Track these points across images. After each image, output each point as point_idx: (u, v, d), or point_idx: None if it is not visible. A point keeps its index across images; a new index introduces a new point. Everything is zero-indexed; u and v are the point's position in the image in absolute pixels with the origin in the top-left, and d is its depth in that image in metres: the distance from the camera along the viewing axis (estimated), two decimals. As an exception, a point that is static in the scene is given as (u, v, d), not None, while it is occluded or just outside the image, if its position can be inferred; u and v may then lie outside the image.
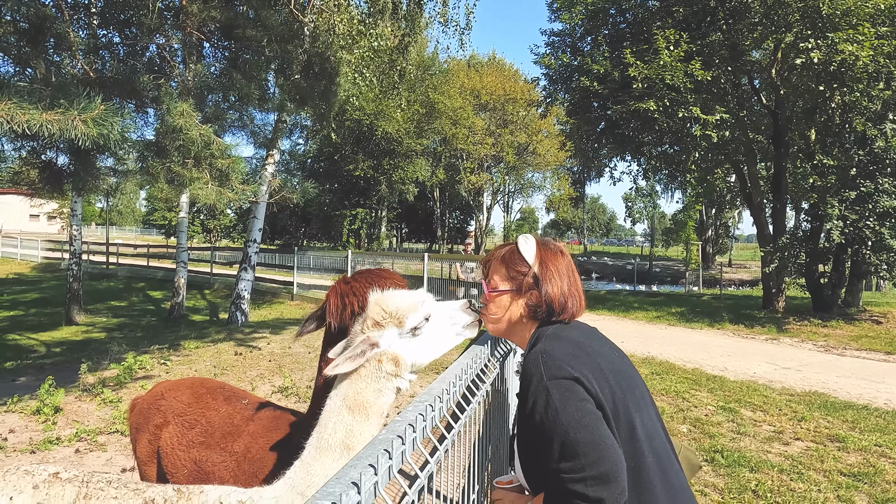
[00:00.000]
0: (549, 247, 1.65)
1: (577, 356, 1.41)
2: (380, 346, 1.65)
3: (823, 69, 12.53)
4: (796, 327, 13.11)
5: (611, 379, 1.40)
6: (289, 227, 41.66)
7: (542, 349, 1.44)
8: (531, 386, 1.38)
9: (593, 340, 1.53)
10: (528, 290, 1.57)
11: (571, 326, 1.57)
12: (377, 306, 1.70)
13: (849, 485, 4.48)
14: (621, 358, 1.54)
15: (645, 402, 1.47)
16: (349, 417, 1.58)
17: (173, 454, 2.45)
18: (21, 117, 3.66)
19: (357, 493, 0.81)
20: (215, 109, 7.76)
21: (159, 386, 2.78)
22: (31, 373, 7.80)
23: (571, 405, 1.30)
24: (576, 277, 1.62)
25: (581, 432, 1.26)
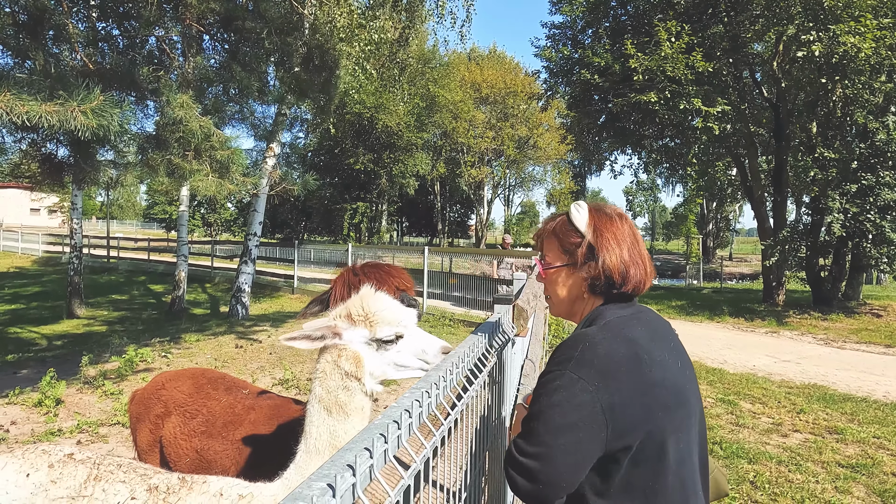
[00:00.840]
0: (605, 212, 1.48)
1: (621, 361, 1.25)
2: (342, 338, 1.63)
3: (825, 61, 12.49)
4: (796, 320, 13.12)
5: (656, 393, 1.25)
6: (289, 221, 41.65)
7: (593, 336, 1.30)
8: (560, 361, 1.29)
9: (656, 343, 1.34)
10: (584, 262, 1.42)
11: (639, 321, 1.38)
12: (359, 301, 1.68)
13: (847, 476, 4.51)
14: (682, 369, 1.36)
15: (688, 423, 1.32)
16: (329, 419, 1.59)
17: (175, 443, 2.47)
18: (20, 108, 3.66)
19: (352, 476, 0.82)
20: (215, 102, 7.75)
21: (160, 377, 2.80)
22: (32, 365, 7.83)
23: (561, 406, 1.23)
24: (639, 244, 1.45)
25: (545, 429, 1.22)
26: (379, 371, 1.64)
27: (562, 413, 1.22)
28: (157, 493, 1.63)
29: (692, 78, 13.85)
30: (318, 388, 1.62)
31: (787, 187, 15.95)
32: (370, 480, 0.90)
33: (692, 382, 1.38)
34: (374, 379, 1.64)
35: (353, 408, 1.60)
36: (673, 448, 1.26)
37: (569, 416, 1.21)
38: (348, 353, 1.61)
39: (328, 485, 0.76)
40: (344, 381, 1.60)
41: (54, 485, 1.69)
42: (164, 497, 1.62)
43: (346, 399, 1.59)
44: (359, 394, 1.61)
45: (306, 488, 0.74)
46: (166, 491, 1.63)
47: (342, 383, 1.60)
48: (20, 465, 1.75)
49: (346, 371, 1.60)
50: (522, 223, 64.97)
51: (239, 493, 1.63)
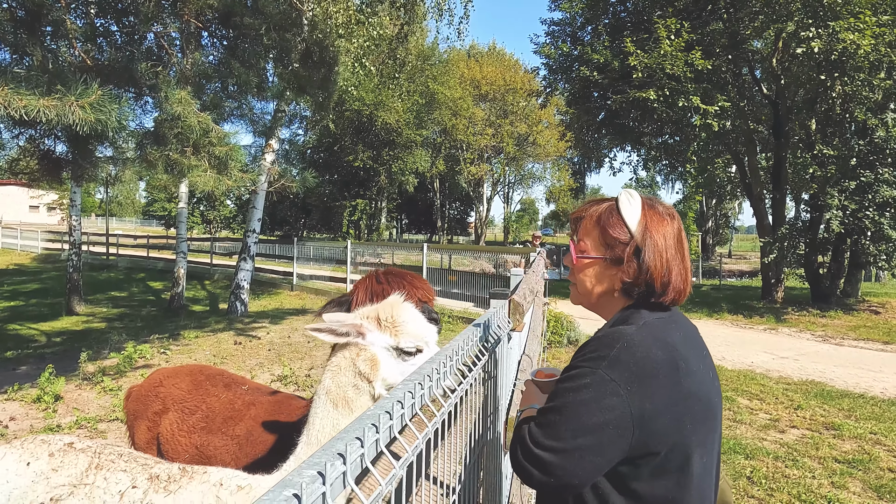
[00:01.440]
0: (657, 209, 1.34)
1: (658, 366, 1.18)
2: (365, 339, 1.66)
3: (824, 58, 12.48)
4: (795, 317, 13.14)
5: (688, 404, 1.19)
6: (288, 218, 41.63)
7: (631, 336, 1.22)
8: (595, 358, 1.21)
9: (693, 351, 1.27)
10: (626, 261, 1.30)
11: (676, 325, 1.30)
12: (389, 307, 1.72)
13: (843, 471, 4.52)
14: (712, 380, 1.29)
15: (712, 437, 1.27)
16: (334, 412, 1.61)
17: (174, 440, 2.47)
18: (18, 103, 3.66)
19: (343, 464, 0.82)
20: (214, 98, 7.75)
21: (157, 373, 2.79)
22: (31, 362, 7.84)
23: (588, 405, 1.16)
24: (683, 248, 1.33)
25: (567, 425, 1.17)
26: (391, 378, 1.67)
27: (588, 413, 1.16)
28: (158, 481, 1.65)
29: (691, 75, 13.84)
30: (329, 380, 1.65)
31: (786, 184, 15.95)
32: (361, 469, 0.91)
33: (719, 395, 1.31)
34: (384, 385, 1.67)
35: (358, 406, 1.62)
36: (697, 462, 1.21)
37: (595, 417, 1.15)
38: (367, 354, 1.64)
39: (318, 472, 0.77)
40: (356, 379, 1.63)
41: (55, 473, 1.71)
42: (165, 486, 1.64)
43: (354, 396, 1.62)
44: (366, 395, 1.64)
45: (297, 475, 0.75)
46: (167, 480, 1.65)
47: (354, 381, 1.63)
48: (20, 454, 1.77)
49: (361, 371, 1.63)
50: (522, 220, 65.00)
51: (238, 483, 1.65)
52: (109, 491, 1.65)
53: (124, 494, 1.64)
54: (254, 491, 1.61)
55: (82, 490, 1.66)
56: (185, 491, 1.62)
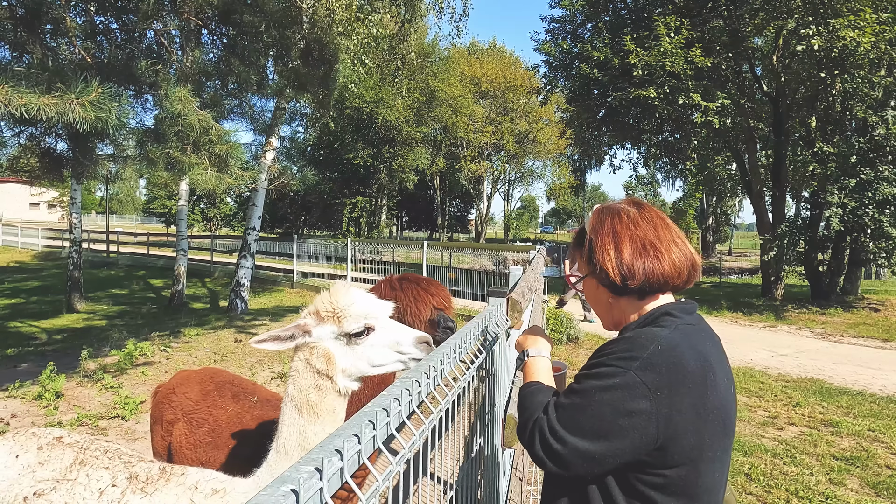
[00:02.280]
0: (609, 208, 1.38)
1: (689, 379, 1.15)
2: (312, 335, 1.61)
3: (825, 56, 12.47)
4: (794, 315, 13.15)
5: (708, 419, 1.16)
6: (289, 216, 41.62)
7: (666, 339, 1.19)
8: (626, 357, 1.18)
9: (719, 366, 1.25)
10: (590, 263, 1.34)
11: (707, 336, 1.29)
12: (327, 296, 1.66)
13: (841, 468, 4.54)
14: (733, 396, 1.29)
15: (727, 454, 1.25)
16: (300, 419, 1.58)
17: (181, 453, 2.43)
18: (19, 101, 3.67)
19: (340, 460, 0.84)
20: (214, 95, 7.76)
21: (176, 377, 2.77)
22: (32, 359, 7.86)
23: (615, 406, 1.14)
24: (655, 232, 1.31)
25: (589, 423, 1.15)
26: (353, 368, 1.62)
27: (613, 413, 1.14)
28: (136, 481, 1.66)
29: (691, 73, 13.83)
30: (291, 387, 1.62)
31: (786, 182, 15.96)
32: (358, 465, 0.92)
33: (735, 409, 1.30)
34: (348, 377, 1.62)
35: (324, 409, 1.58)
36: (709, 477, 1.19)
37: (620, 419, 1.13)
38: (319, 350, 1.60)
39: (316, 468, 0.78)
40: (316, 379, 1.58)
41: (41, 466, 1.73)
42: (143, 486, 1.64)
43: (317, 399, 1.57)
44: (331, 394, 1.59)
45: (294, 471, 0.76)
46: (145, 480, 1.66)
47: (314, 382, 1.58)
48: (11, 446, 1.79)
49: (318, 369, 1.58)
50: (522, 218, 64.98)
51: (213, 487, 1.65)
52: (90, 488, 1.66)
53: (104, 492, 1.65)
54: (227, 495, 1.60)
55: (64, 485, 1.68)
56: (160, 493, 1.63)
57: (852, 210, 12.31)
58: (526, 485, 3.51)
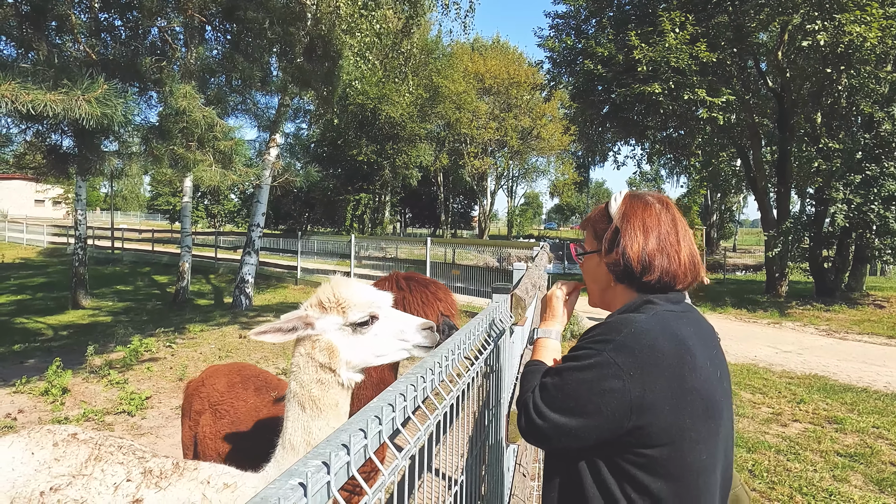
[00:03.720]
0: (642, 198, 1.41)
1: (663, 357, 1.20)
2: (315, 328, 1.59)
3: (830, 51, 12.41)
4: (799, 311, 13.12)
5: (686, 402, 1.19)
6: (293, 213, 41.67)
7: (640, 323, 1.24)
8: (603, 340, 1.24)
9: (703, 346, 1.28)
10: (611, 247, 1.37)
11: (689, 320, 1.32)
12: (329, 288, 1.64)
13: (845, 465, 4.54)
14: (720, 379, 1.29)
15: (715, 437, 1.25)
16: (303, 415, 1.57)
17: (204, 443, 2.46)
18: (25, 97, 3.69)
19: (347, 454, 0.85)
20: (218, 92, 7.77)
21: (206, 370, 2.80)
22: (38, 355, 7.91)
23: (590, 385, 1.20)
24: (678, 233, 1.36)
25: (566, 402, 1.22)
26: (357, 359, 1.60)
27: (587, 392, 1.20)
28: (150, 476, 1.68)
29: (696, 68, 13.78)
30: (293, 383, 1.60)
31: (791, 178, 15.89)
32: (364, 458, 0.93)
33: (727, 396, 1.32)
34: (352, 368, 1.61)
35: (327, 403, 1.57)
36: (694, 458, 1.21)
37: (593, 397, 1.19)
38: (322, 342, 1.58)
39: (323, 462, 0.79)
40: (319, 373, 1.56)
41: (57, 462, 1.75)
42: (157, 481, 1.67)
43: (320, 394, 1.56)
44: (334, 387, 1.58)
45: (302, 465, 0.77)
46: (159, 475, 1.68)
47: (316, 376, 1.57)
48: (26, 443, 1.82)
49: (321, 363, 1.56)
50: (525, 214, 64.87)
51: (224, 481, 1.66)
52: (105, 483, 1.69)
53: (119, 487, 1.67)
54: (238, 489, 1.61)
55: (80, 481, 1.70)
56: (174, 488, 1.65)
57: (857, 206, 12.27)
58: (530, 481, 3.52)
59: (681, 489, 1.20)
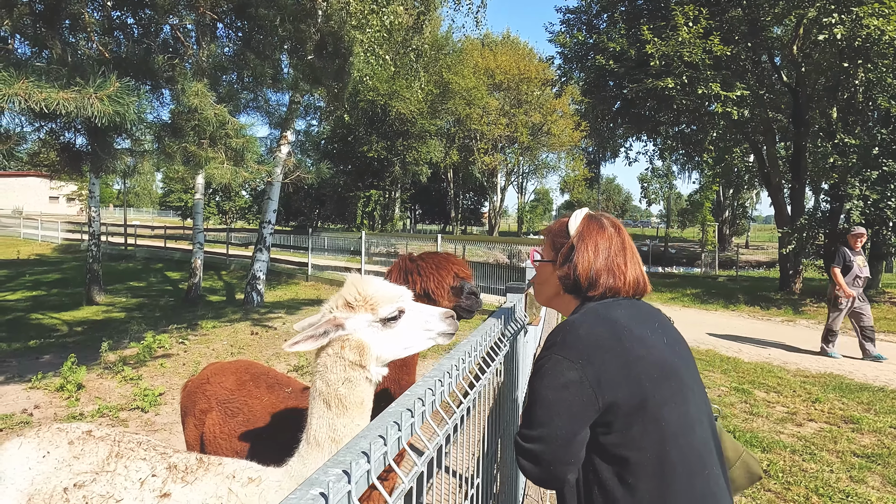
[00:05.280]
0: (596, 221, 1.58)
1: (602, 339, 1.35)
2: (345, 328, 1.60)
3: (847, 45, 12.22)
4: (813, 309, 12.97)
5: (638, 368, 1.32)
6: (303, 209, 41.83)
7: (573, 321, 1.43)
8: (548, 347, 1.40)
9: (637, 322, 1.43)
10: (564, 261, 1.54)
11: (619, 304, 1.48)
12: (353, 287, 1.65)
13: (862, 465, 4.48)
14: (670, 346, 1.43)
15: (683, 397, 1.36)
16: (329, 412, 1.59)
17: (215, 442, 2.44)
18: (38, 95, 3.71)
19: (367, 462, 0.84)
20: (229, 90, 7.78)
21: (207, 368, 2.79)
22: (54, 351, 7.99)
23: (551, 386, 1.33)
24: (623, 255, 1.53)
25: (541, 410, 1.33)
26: (387, 353, 1.63)
27: (553, 392, 1.32)
28: (176, 471, 1.70)
29: (710, 63, 13.63)
30: (319, 382, 1.62)
31: (805, 174, 15.69)
32: (384, 465, 0.92)
33: (683, 358, 1.45)
34: (381, 363, 1.63)
35: (353, 401, 1.58)
36: (669, 415, 1.31)
37: (560, 393, 1.31)
38: (353, 341, 1.59)
39: (343, 471, 0.78)
40: (347, 372, 1.58)
41: (77, 460, 1.76)
42: (183, 476, 1.68)
43: (346, 392, 1.58)
44: (361, 384, 1.59)
45: (322, 474, 0.76)
46: (184, 470, 1.70)
47: (345, 375, 1.58)
48: (37, 443, 1.82)
49: (351, 360, 1.58)
50: (536, 210, 64.69)
51: (249, 476, 1.68)
52: (130, 478, 1.70)
53: (144, 482, 1.69)
54: (262, 483, 1.63)
55: (104, 477, 1.71)
56: (200, 482, 1.67)
57: (874, 203, 12.09)
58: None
59: (664, 447, 1.29)
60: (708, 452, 1.37)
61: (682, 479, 1.29)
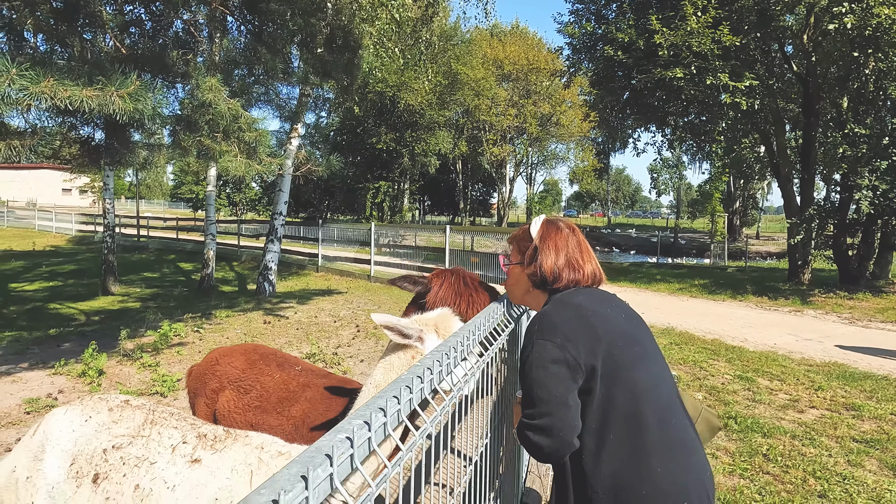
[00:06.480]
0: (555, 224, 1.84)
1: (572, 320, 1.58)
2: (423, 344, 1.85)
3: (858, 34, 12.14)
4: (821, 299, 12.99)
5: (606, 339, 1.55)
6: (313, 200, 42.05)
7: (544, 311, 1.65)
8: (528, 338, 1.61)
9: (598, 303, 1.66)
10: (530, 262, 1.79)
11: (579, 291, 1.72)
12: (448, 320, 1.92)
13: (860, 450, 4.58)
14: (628, 319, 1.68)
15: (647, 359, 1.60)
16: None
17: (230, 417, 2.59)
18: (63, 93, 3.86)
19: (368, 430, 0.94)
20: (241, 84, 7.92)
21: (214, 352, 2.93)
22: (73, 339, 8.22)
23: (542, 366, 1.52)
24: (580, 252, 1.79)
25: (539, 389, 1.51)
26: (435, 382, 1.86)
27: (545, 371, 1.52)
28: (205, 440, 1.85)
29: (719, 53, 13.58)
30: (380, 375, 1.83)
31: (815, 164, 15.63)
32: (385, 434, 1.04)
33: (641, 330, 1.69)
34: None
35: None
36: (639, 378, 1.54)
37: (550, 369, 1.51)
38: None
39: (346, 437, 0.90)
40: None
41: (116, 424, 1.93)
42: (212, 444, 1.83)
43: None
44: None
45: (347, 423, 0.90)
46: (213, 439, 1.85)
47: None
48: (82, 409, 2.00)
49: None
50: (545, 201, 64.54)
51: (278, 449, 1.83)
52: (163, 444, 1.86)
53: (176, 448, 1.85)
54: (292, 458, 1.78)
55: (140, 441, 1.88)
56: (229, 450, 1.82)
57: (883, 193, 12.06)
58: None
59: (636, 408, 1.50)
60: (674, 405, 1.60)
61: (656, 430, 1.50)
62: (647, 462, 1.47)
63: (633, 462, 1.48)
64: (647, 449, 1.48)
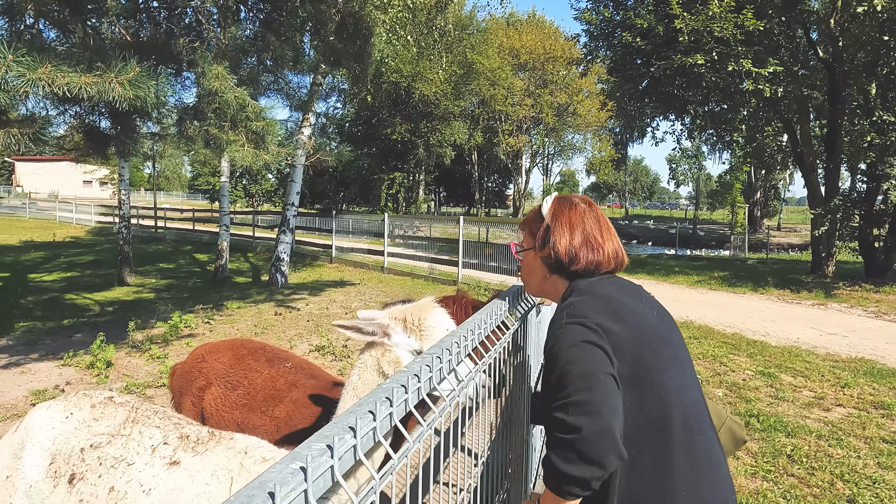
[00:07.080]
0: (568, 200, 1.63)
1: (602, 312, 1.38)
2: (391, 339, 1.72)
3: (888, 17, 11.69)
4: (846, 292, 12.62)
5: (637, 336, 1.36)
6: (328, 192, 42.10)
7: (571, 301, 1.45)
8: (553, 330, 1.40)
9: (627, 295, 1.49)
10: (543, 243, 1.58)
11: (606, 281, 1.53)
12: (418, 310, 1.76)
13: (891, 452, 4.36)
14: (659, 317, 1.49)
15: (678, 363, 1.43)
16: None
17: (217, 415, 2.50)
18: (61, 80, 3.76)
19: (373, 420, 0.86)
20: (251, 72, 7.81)
21: (199, 349, 2.83)
22: (85, 330, 8.23)
23: (574, 344, 1.30)
24: (601, 230, 1.57)
25: (575, 365, 1.26)
26: None
27: (578, 349, 1.29)
28: (187, 441, 1.75)
29: (741, 38, 13.18)
30: (356, 377, 1.73)
31: (841, 154, 15.14)
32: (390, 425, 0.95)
33: (672, 329, 1.51)
34: None
35: None
36: (669, 382, 1.36)
37: (585, 347, 1.29)
38: (392, 355, 1.69)
39: (349, 427, 0.81)
40: (380, 378, 1.68)
41: (96, 422, 1.86)
42: (194, 446, 1.73)
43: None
44: None
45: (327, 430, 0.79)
46: (196, 441, 1.74)
47: (378, 380, 1.68)
48: (64, 406, 1.94)
49: (384, 371, 1.68)
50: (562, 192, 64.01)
51: (263, 455, 1.71)
52: (143, 444, 1.77)
53: (156, 449, 1.75)
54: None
55: (119, 440, 1.79)
56: (211, 454, 1.71)
57: (913, 182, 11.65)
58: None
59: (664, 415, 1.33)
60: (702, 414, 1.43)
61: (682, 441, 1.33)
62: (671, 476, 1.31)
63: (654, 475, 1.32)
64: (672, 462, 1.32)
